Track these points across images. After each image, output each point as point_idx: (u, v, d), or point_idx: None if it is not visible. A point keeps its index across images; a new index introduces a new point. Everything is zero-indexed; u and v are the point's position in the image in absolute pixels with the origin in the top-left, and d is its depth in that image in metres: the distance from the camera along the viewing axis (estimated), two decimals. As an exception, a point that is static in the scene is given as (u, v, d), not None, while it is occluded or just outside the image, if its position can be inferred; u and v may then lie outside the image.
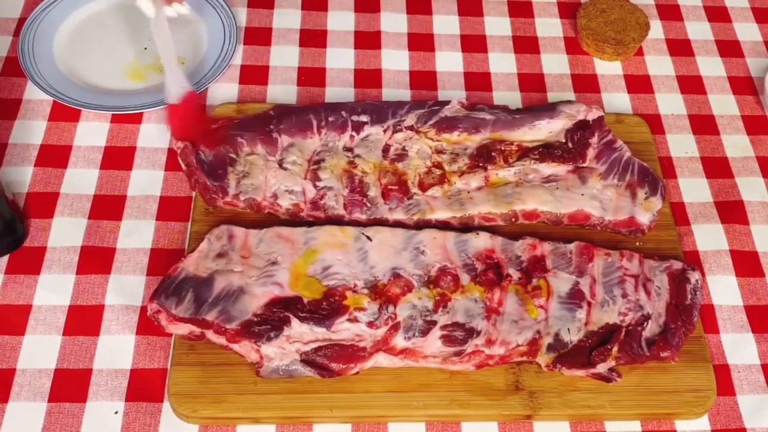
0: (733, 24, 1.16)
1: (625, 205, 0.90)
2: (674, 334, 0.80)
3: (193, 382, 0.78)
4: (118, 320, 0.83)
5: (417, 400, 0.78)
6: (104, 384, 0.79)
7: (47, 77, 1.00)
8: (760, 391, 0.83)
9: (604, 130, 0.95)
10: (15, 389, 0.78)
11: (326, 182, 0.90)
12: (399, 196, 0.89)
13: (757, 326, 0.87)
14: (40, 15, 1.06)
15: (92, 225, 0.89)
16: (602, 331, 0.80)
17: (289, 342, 0.78)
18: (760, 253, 0.92)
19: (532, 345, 0.79)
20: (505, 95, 1.05)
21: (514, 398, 0.79)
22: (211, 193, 0.88)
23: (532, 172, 0.92)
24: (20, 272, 0.86)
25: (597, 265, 0.85)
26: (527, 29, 1.13)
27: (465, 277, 0.83)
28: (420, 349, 0.79)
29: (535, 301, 0.82)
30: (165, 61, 0.91)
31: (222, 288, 0.80)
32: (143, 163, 0.95)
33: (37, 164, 0.94)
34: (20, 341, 0.81)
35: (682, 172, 0.99)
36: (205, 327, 0.78)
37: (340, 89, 1.04)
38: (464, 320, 0.80)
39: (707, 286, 0.89)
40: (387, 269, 0.83)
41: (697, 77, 1.09)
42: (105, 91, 1.01)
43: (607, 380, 0.79)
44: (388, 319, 0.79)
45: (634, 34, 1.08)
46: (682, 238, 0.92)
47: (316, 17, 1.12)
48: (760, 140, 1.03)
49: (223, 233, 0.85)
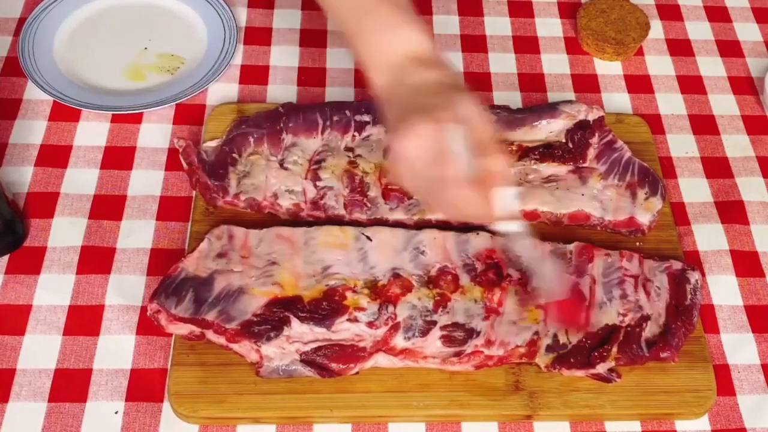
0: (733, 24, 1.16)
1: (625, 206, 0.90)
2: (674, 335, 0.80)
3: (193, 382, 0.78)
4: (118, 320, 0.83)
5: (417, 400, 0.78)
6: (104, 384, 0.79)
7: (47, 77, 1.00)
8: (760, 391, 0.83)
9: (605, 130, 0.95)
10: (15, 389, 0.78)
11: (326, 182, 0.90)
12: (399, 196, 0.89)
13: (757, 326, 0.87)
14: (40, 15, 1.06)
15: (92, 225, 0.89)
16: (601, 331, 0.80)
17: (288, 342, 0.78)
18: (760, 253, 0.92)
19: (531, 346, 0.79)
20: (505, 95, 1.05)
21: (514, 398, 0.79)
22: (212, 192, 0.89)
23: (532, 172, 0.92)
24: (20, 272, 0.86)
25: (597, 265, 0.85)
26: (527, 29, 1.13)
27: (465, 277, 0.83)
28: (420, 349, 0.79)
29: (535, 302, 0.82)
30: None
31: (222, 288, 0.80)
32: (143, 163, 0.95)
33: (37, 164, 0.94)
34: (20, 341, 0.81)
35: (682, 172, 0.99)
36: (205, 327, 0.78)
37: (340, 89, 1.04)
38: (464, 320, 0.80)
39: (707, 286, 0.89)
40: (387, 269, 0.83)
41: (697, 77, 1.09)
42: (105, 91, 1.01)
43: (607, 381, 0.79)
44: (387, 319, 0.79)
45: (634, 34, 1.08)
46: (682, 238, 0.92)
47: (316, 17, 1.12)
48: (760, 140, 1.03)
49: (223, 233, 0.85)
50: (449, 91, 0.73)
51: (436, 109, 0.70)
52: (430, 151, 0.69)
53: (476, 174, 0.70)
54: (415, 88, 0.74)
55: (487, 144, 0.71)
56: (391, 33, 0.76)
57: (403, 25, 0.76)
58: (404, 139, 0.70)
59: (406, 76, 0.74)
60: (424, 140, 0.69)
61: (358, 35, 0.78)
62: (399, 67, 0.75)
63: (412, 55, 0.75)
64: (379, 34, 0.76)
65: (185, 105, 1.00)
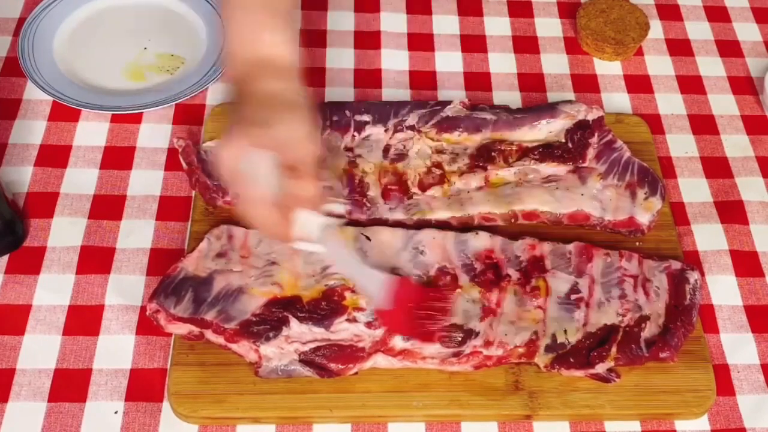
0: (733, 24, 1.16)
1: (625, 205, 0.90)
2: (673, 335, 0.80)
3: (193, 382, 0.78)
4: (118, 320, 0.83)
5: (416, 400, 0.78)
6: (104, 384, 0.79)
7: (47, 77, 1.00)
8: (760, 391, 0.83)
9: (604, 130, 0.95)
10: (15, 389, 0.78)
11: (326, 182, 0.90)
12: (399, 196, 0.89)
13: (756, 326, 0.87)
14: (40, 15, 1.06)
15: (92, 225, 0.89)
16: (601, 331, 0.80)
17: (287, 342, 0.78)
18: (759, 253, 0.92)
19: (530, 346, 0.79)
20: (505, 95, 1.05)
21: (513, 398, 0.79)
22: (212, 192, 0.89)
23: (532, 172, 0.92)
24: (20, 272, 0.86)
25: (596, 265, 0.85)
26: (527, 29, 1.13)
27: (464, 277, 0.83)
28: (418, 350, 0.79)
29: (534, 302, 0.82)
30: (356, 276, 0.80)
31: (221, 288, 0.81)
32: (143, 163, 0.95)
33: (37, 164, 0.94)
34: (20, 341, 0.81)
35: (681, 172, 0.99)
36: (204, 327, 0.78)
37: (340, 89, 1.04)
38: (462, 321, 0.80)
39: (707, 286, 0.89)
40: (386, 269, 0.83)
41: (697, 77, 1.09)
42: (105, 91, 1.01)
43: (606, 381, 0.79)
44: (387, 319, 0.79)
45: (633, 34, 1.08)
46: (682, 238, 0.92)
47: (316, 17, 1.12)
48: (760, 140, 1.03)
49: (222, 233, 0.85)
50: (283, 108, 0.72)
51: (257, 124, 0.71)
52: (237, 167, 0.70)
53: (282, 196, 0.71)
54: (254, 95, 0.74)
55: (303, 167, 0.72)
56: (255, 32, 0.76)
57: (270, 28, 0.77)
58: (223, 146, 0.71)
59: (253, 80, 0.74)
60: (234, 157, 0.70)
61: (228, 25, 0.78)
62: (250, 69, 0.75)
63: (267, 60, 0.75)
64: (245, 29, 0.77)
65: (185, 105, 1.00)
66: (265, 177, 0.71)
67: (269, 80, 0.74)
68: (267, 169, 0.71)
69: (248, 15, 0.77)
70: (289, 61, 0.77)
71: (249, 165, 0.70)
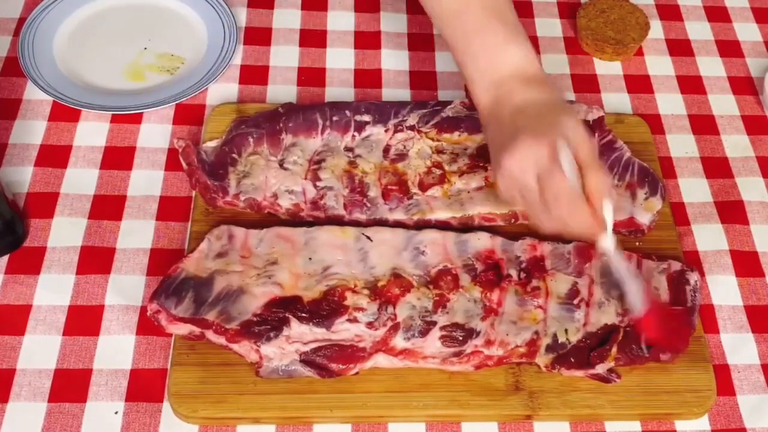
0: (733, 24, 1.16)
1: (625, 206, 0.90)
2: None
3: (193, 382, 0.78)
4: (118, 320, 0.83)
5: (417, 400, 0.78)
6: (104, 384, 0.79)
7: (47, 77, 1.00)
8: (760, 391, 0.83)
9: (605, 130, 0.95)
10: (15, 389, 0.78)
11: (326, 182, 0.90)
12: (399, 196, 0.89)
13: (757, 326, 0.87)
14: (40, 15, 1.06)
15: (92, 225, 0.89)
16: (601, 331, 0.80)
17: (288, 342, 0.78)
18: (760, 253, 0.92)
19: (530, 346, 0.79)
20: (505, 95, 1.05)
21: (513, 398, 0.79)
22: (212, 192, 0.89)
23: (532, 172, 0.92)
24: (20, 272, 0.86)
25: (595, 265, 0.85)
26: (527, 29, 1.11)
27: (465, 277, 0.83)
28: (419, 349, 0.79)
29: (535, 302, 0.82)
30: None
31: (222, 288, 0.81)
32: (143, 163, 0.95)
33: (37, 164, 0.94)
34: (20, 341, 0.81)
35: (682, 172, 0.99)
36: (205, 327, 0.78)
37: (340, 89, 1.04)
38: (463, 321, 0.80)
39: (707, 286, 0.89)
40: (387, 269, 0.83)
41: (697, 77, 1.09)
42: (105, 91, 1.01)
43: (606, 381, 0.79)
44: (387, 319, 0.79)
45: (634, 34, 1.08)
46: (682, 239, 0.92)
47: (316, 17, 1.12)
48: (760, 140, 1.03)
49: (223, 233, 0.85)
50: (554, 112, 0.75)
51: (543, 128, 0.73)
52: (539, 167, 0.72)
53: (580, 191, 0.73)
54: (520, 107, 0.77)
55: (588, 162, 0.73)
56: (499, 52, 0.79)
57: (511, 42, 0.80)
58: (513, 155, 0.73)
59: (512, 95, 0.77)
60: (535, 157, 0.72)
61: (467, 55, 0.81)
62: (505, 87, 0.78)
63: (518, 73, 0.78)
64: (488, 52, 0.80)
65: (185, 105, 1.00)
66: (570, 171, 0.72)
67: (529, 91, 0.77)
68: (570, 163, 0.72)
69: (489, 38, 0.80)
70: (536, 68, 0.80)
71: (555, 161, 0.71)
